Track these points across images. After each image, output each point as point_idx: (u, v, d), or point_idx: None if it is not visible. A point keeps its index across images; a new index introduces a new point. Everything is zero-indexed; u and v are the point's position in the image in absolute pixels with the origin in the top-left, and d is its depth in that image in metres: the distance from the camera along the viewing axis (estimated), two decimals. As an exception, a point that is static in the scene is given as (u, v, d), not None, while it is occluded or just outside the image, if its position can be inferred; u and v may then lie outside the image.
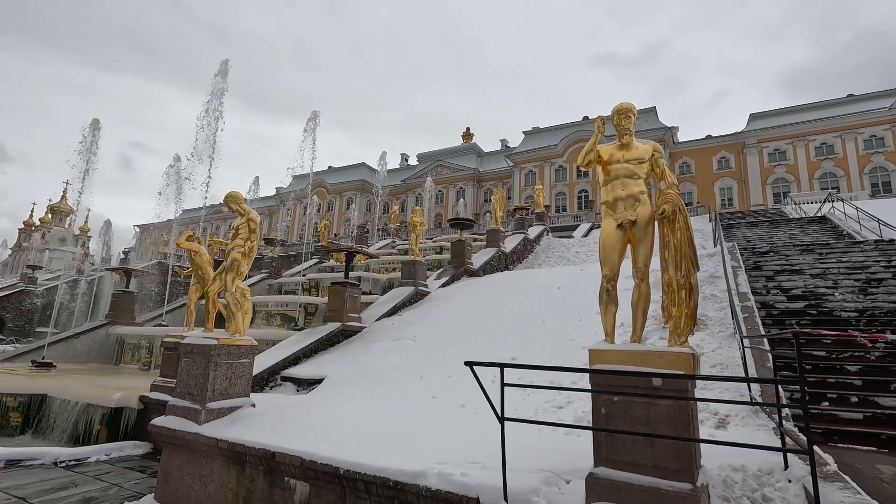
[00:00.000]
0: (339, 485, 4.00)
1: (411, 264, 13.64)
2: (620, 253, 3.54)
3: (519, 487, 3.26)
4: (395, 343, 9.67)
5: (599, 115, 3.78)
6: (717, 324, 7.66)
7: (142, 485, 5.76)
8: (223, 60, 12.52)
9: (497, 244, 18.89)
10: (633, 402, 3.01)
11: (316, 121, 16.07)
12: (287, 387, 8.59)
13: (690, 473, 2.80)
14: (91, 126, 13.68)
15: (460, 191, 57.50)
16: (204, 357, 5.23)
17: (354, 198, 62.71)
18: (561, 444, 4.40)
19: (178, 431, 5.04)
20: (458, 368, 7.62)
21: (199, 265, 8.01)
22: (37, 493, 5.32)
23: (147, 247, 70.23)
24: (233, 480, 4.67)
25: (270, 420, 5.17)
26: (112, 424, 7.76)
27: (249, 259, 5.60)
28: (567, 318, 9.20)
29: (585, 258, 19.80)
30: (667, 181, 3.46)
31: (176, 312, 16.21)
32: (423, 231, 15.10)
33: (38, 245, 58.16)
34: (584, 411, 5.37)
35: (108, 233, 29.46)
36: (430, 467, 3.67)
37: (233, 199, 5.72)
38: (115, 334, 14.18)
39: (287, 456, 4.24)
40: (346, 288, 10.95)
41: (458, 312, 11.31)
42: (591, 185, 48.05)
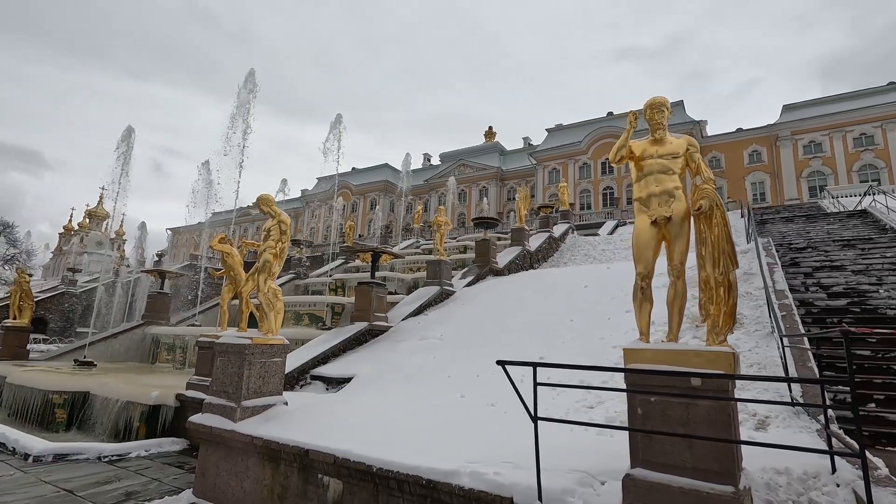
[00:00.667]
0: (371, 482, 4.04)
1: (436, 264, 13.67)
2: (655, 250, 3.47)
3: (553, 487, 3.23)
4: (422, 342, 9.70)
5: (631, 110, 3.71)
6: (754, 322, 7.43)
7: (180, 480, 5.94)
8: (249, 70, 12.81)
9: (522, 243, 18.76)
10: (670, 402, 2.94)
11: (340, 124, 16.26)
12: (317, 385, 8.72)
13: (732, 476, 2.72)
14: (125, 133, 14.17)
15: (483, 190, 57.36)
16: (238, 356, 5.36)
17: (378, 198, 63.25)
18: (593, 445, 4.34)
19: (215, 429, 5.17)
20: (485, 367, 7.61)
21: (231, 266, 8.21)
22: (83, 487, 5.55)
23: (179, 249, 72.33)
24: (268, 477, 4.76)
25: (303, 418, 5.25)
26: (150, 421, 8.02)
27: (281, 260, 5.71)
28: (595, 317, 9.07)
29: (612, 256, 19.49)
30: (703, 176, 3.37)
31: (208, 313, 16.66)
32: (448, 230, 15.11)
33: (77, 249, 60.56)
34: (617, 411, 5.29)
35: (143, 236, 30.48)
36: (463, 466, 3.67)
37: (264, 201, 5.84)
38: (151, 334, 14.65)
39: (320, 454, 4.30)
40: (373, 288, 11.04)
41: (483, 312, 11.28)
42: (617, 182, 47.26)
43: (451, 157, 62.58)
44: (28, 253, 69.76)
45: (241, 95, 12.56)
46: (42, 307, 29.44)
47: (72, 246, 64.02)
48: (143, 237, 30.34)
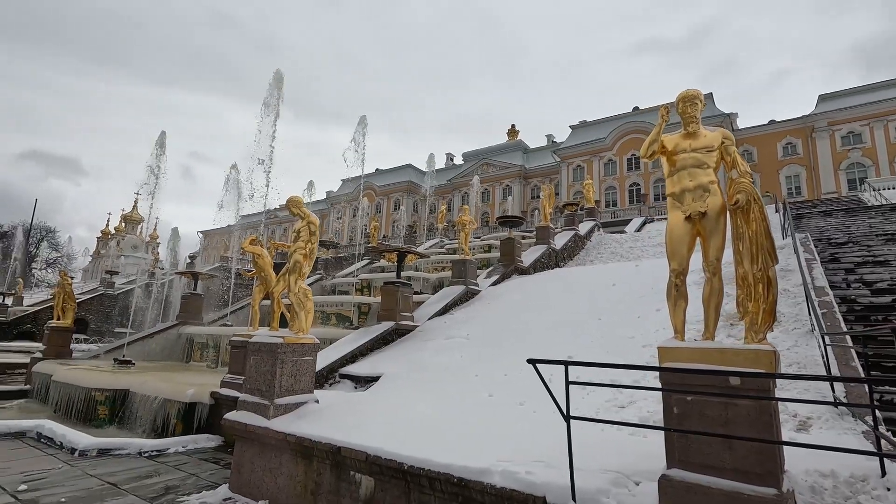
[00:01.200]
0: (403, 480, 4.07)
1: (461, 263, 13.67)
2: (689, 246, 3.39)
3: (587, 487, 3.20)
4: (449, 341, 9.72)
5: (662, 104, 3.63)
6: (792, 320, 7.18)
7: (216, 475, 6.10)
8: (276, 70, 13.07)
9: (547, 241, 18.59)
10: (708, 401, 2.88)
11: (364, 126, 16.43)
12: (345, 384, 8.83)
13: (775, 478, 2.64)
14: (159, 138, 14.66)
15: (506, 188, 57.06)
16: (271, 355, 5.48)
17: (402, 199, 63.61)
18: (626, 445, 4.27)
19: (249, 426, 5.30)
20: (512, 366, 7.58)
21: (262, 267, 8.38)
22: (126, 480, 5.76)
23: (210, 251, 74.33)
24: (301, 473, 4.86)
25: (334, 416, 5.33)
26: (187, 418, 8.27)
27: (310, 260, 5.81)
28: (623, 316, 8.92)
29: (640, 254, 19.12)
30: (739, 170, 3.28)
31: (239, 313, 17.08)
32: (472, 230, 15.09)
33: (114, 252, 62.89)
34: (649, 411, 5.19)
35: (176, 240, 31.44)
36: (494, 465, 3.67)
37: (294, 203, 5.95)
38: (185, 334, 15.10)
39: (352, 451, 4.36)
40: (399, 287, 11.12)
41: (509, 311, 11.23)
42: (643, 178, 46.36)
43: (474, 156, 62.46)
44: (69, 256, 72.88)
45: (268, 96, 12.82)
46: (82, 308, 30.64)
47: (109, 249, 66.55)
48: (176, 240, 31.29)
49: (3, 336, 26.50)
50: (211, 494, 5.28)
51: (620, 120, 49.61)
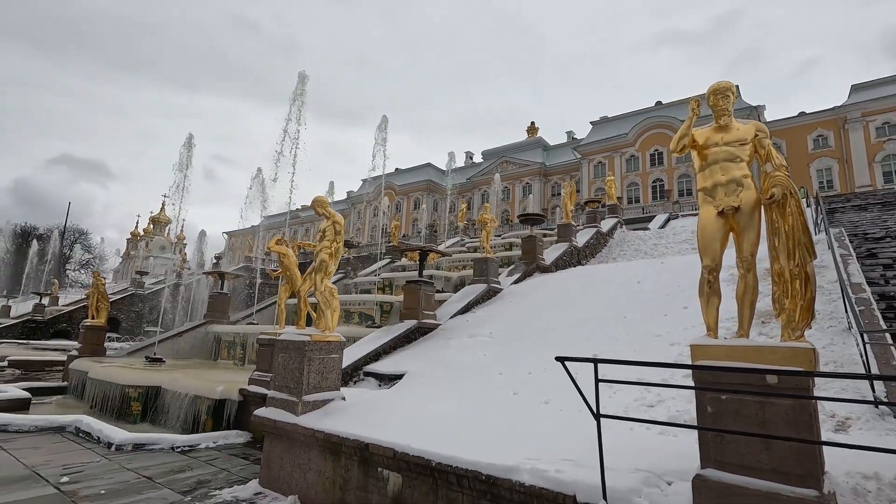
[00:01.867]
0: (430, 476, 4.09)
1: (483, 261, 13.65)
2: (722, 242, 3.32)
3: (618, 486, 3.16)
4: (472, 340, 9.72)
5: (693, 96, 3.55)
6: (827, 318, 6.96)
7: (246, 470, 6.24)
8: (300, 72, 13.27)
9: (569, 239, 18.41)
10: (744, 400, 2.81)
11: (385, 126, 16.54)
12: (369, 382, 8.92)
13: (816, 480, 2.57)
14: (186, 141, 15.02)
15: (527, 186, 56.72)
16: (298, 352, 5.56)
17: (421, 198, 63.81)
18: (655, 444, 4.21)
19: (278, 422, 5.40)
20: (536, 364, 7.54)
21: (287, 267, 8.53)
22: (161, 474, 5.94)
23: (235, 251, 75.82)
24: (329, 469, 4.92)
25: (361, 413, 5.39)
26: (216, 415, 8.47)
27: (336, 259, 5.89)
28: (650, 314, 8.77)
29: (665, 251, 18.77)
30: (774, 163, 3.19)
31: (264, 312, 17.39)
32: (493, 228, 15.05)
33: (144, 253, 64.71)
34: (679, 410, 5.11)
35: (202, 240, 32.22)
36: (522, 462, 3.66)
37: (319, 203, 6.04)
38: (213, 332, 15.44)
39: (380, 448, 4.40)
40: (421, 286, 11.16)
41: (532, 309, 11.17)
42: (667, 174, 45.51)
43: (494, 154, 62.23)
44: (101, 258, 75.27)
45: (293, 98, 13.03)
46: (114, 308, 31.62)
47: (138, 251, 68.52)
48: (203, 241, 32.06)
49: (40, 335, 27.58)
50: (242, 489, 5.39)
51: (643, 115, 48.77)
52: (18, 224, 69.14)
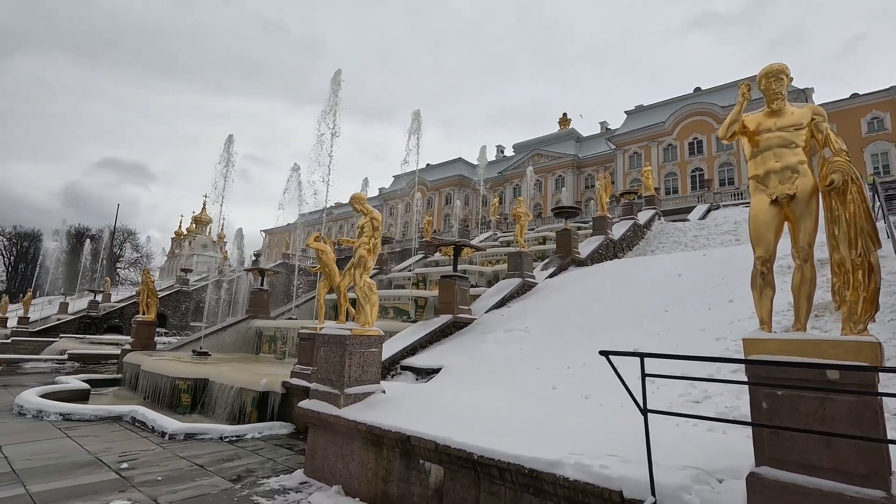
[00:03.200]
0: (472, 470, 4.12)
1: (517, 256, 13.55)
2: (776, 231, 3.18)
3: (666, 483, 3.10)
4: (508, 334, 9.68)
5: (743, 80, 3.40)
6: (888, 311, 6.57)
7: (291, 461, 6.44)
8: (336, 71, 13.47)
9: (604, 231, 18.06)
10: (802, 396, 2.70)
11: (418, 121, 16.61)
12: (407, 376, 9.02)
13: (883, 480, 2.44)
14: (226, 141, 15.52)
15: (559, 179, 55.90)
16: (340, 346, 5.69)
17: (453, 193, 63.83)
18: (703, 441, 4.08)
19: (322, 414, 5.54)
20: (575, 359, 7.44)
21: (326, 263, 8.71)
22: (211, 462, 6.20)
23: (273, 249, 77.96)
24: (372, 460, 5.02)
25: (401, 406, 5.47)
26: (261, 406, 8.77)
27: (374, 255, 5.97)
28: (692, 307, 8.51)
29: (706, 242, 18.16)
30: (833, 147, 3.03)
31: (303, 307, 17.83)
32: (527, 221, 14.90)
33: (187, 251, 67.38)
34: (727, 407, 4.94)
35: (240, 238, 33.31)
36: (566, 457, 3.63)
37: (357, 200, 6.13)
38: (255, 327, 15.97)
39: (422, 440, 4.46)
40: (456, 281, 11.19)
41: (569, 303, 11.02)
42: (707, 163, 43.89)
43: (525, 147, 61.58)
44: (148, 256, 78.80)
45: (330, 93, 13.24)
46: (161, 304, 33.10)
47: (182, 249, 71.41)
48: (241, 239, 33.16)
49: (95, 330, 29.19)
50: (288, 478, 5.57)
51: (680, 102, 47.16)
52: (73, 226, 73.31)
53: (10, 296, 43.13)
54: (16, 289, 65.87)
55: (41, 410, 8.63)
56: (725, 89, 45.29)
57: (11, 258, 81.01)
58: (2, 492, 4.97)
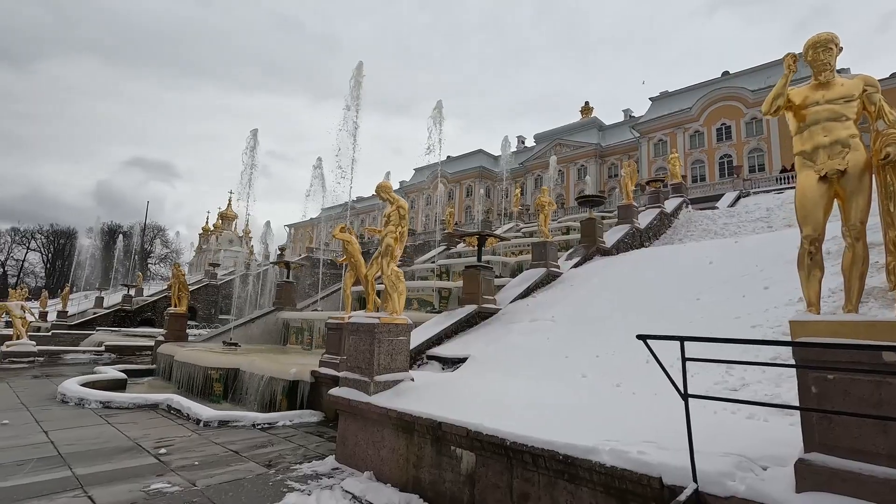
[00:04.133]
0: (505, 456, 4.09)
1: (541, 245, 13.42)
2: (826, 209, 3.03)
3: (708, 469, 3.02)
4: (534, 324, 9.61)
5: (788, 52, 3.24)
6: (939, 295, 6.26)
7: (322, 447, 6.54)
8: (358, 63, 13.49)
9: (630, 220, 17.72)
10: (855, 380, 2.58)
11: (440, 111, 16.51)
12: (433, 365, 9.05)
13: (945, 466, 2.32)
14: (251, 136, 15.74)
15: (581, 169, 55.09)
16: (369, 335, 5.72)
17: (474, 185, 63.58)
18: (744, 429, 3.97)
19: (353, 401, 5.60)
20: (604, 348, 7.34)
21: (352, 254, 8.77)
22: (245, 448, 6.34)
23: (297, 243, 79.14)
24: (403, 447, 5.05)
25: (430, 394, 5.48)
26: (291, 395, 8.92)
27: (401, 244, 5.97)
28: (726, 295, 8.27)
29: (736, 230, 17.65)
30: (887, 119, 2.87)
31: (328, 299, 18.05)
32: (552, 211, 14.71)
33: (215, 246, 68.98)
34: (766, 394, 4.80)
35: (267, 232, 33.86)
36: (601, 443, 3.57)
37: (383, 188, 6.13)
38: (282, 319, 16.26)
39: (453, 426, 4.46)
40: (480, 271, 11.14)
41: (595, 292, 10.87)
42: (736, 149, 42.60)
43: (546, 137, 60.81)
44: (177, 251, 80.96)
45: (351, 89, 13.30)
46: (191, 297, 34.05)
47: (210, 245, 73.15)
48: (268, 233, 33.70)
49: (129, 323, 30.19)
50: (320, 464, 5.66)
51: (708, 87, 45.79)
52: (105, 223, 75.77)
53: (49, 291, 44.95)
54: (54, 284, 68.60)
55: (82, 398, 8.97)
56: (755, 72, 43.79)
57: (49, 255, 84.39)
58: (51, 474, 5.18)
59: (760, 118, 41.79)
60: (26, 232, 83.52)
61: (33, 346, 16.24)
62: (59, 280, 70.74)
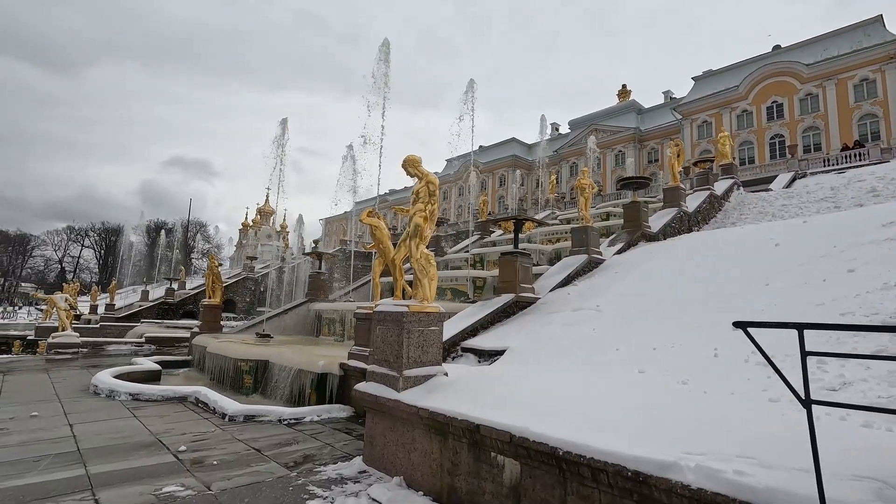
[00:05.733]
0: (556, 467, 3.43)
1: (582, 230, 12.54)
2: None
3: (838, 498, 2.27)
4: (577, 314, 8.84)
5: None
6: None
7: (349, 446, 6.05)
8: (384, 40, 12.92)
9: (677, 204, 16.53)
10: None
11: (473, 91, 15.76)
12: (468, 357, 8.44)
13: None
14: (281, 125, 15.46)
15: (619, 154, 53.06)
16: (397, 324, 5.15)
17: (507, 175, 62.38)
18: (864, 440, 3.15)
19: (380, 398, 5.05)
20: (661, 339, 6.52)
21: (380, 239, 8.23)
22: (269, 447, 5.92)
23: (330, 236, 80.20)
24: (435, 451, 4.47)
25: (466, 390, 4.86)
26: (319, 388, 8.52)
27: (432, 223, 5.36)
28: (801, 280, 7.27)
29: (798, 212, 16.18)
30: None
31: (360, 290, 17.74)
32: (593, 193, 13.76)
33: (253, 241, 70.65)
34: (880, 396, 3.93)
35: (301, 226, 34.05)
36: (681, 457, 2.86)
37: (410, 162, 5.52)
38: (314, 310, 16.03)
39: (493, 430, 3.83)
40: (517, 258, 10.43)
41: (644, 279, 9.97)
42: (789, 129, 39.84)
43: (582, 122, 58.86)
44: (218, 246, 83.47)
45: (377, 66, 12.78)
46: (230, 290, 34.70)
47: (249, 239, 75.05)
48: (301, 226, 33.90)
49: (171, 315, 31.03)
50: (346, 466, 5.15)
51: (757, 63, 42.93)
52: (151, 220, 78.88)
53: (101, 286, 47.03)
54: (106, 279, 72.03)
55: (113, 390, 8.86)
56: (810, 45, 40.72)
57: (101, 252, 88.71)
58: (65, 472, 4.89)
59: (816, 94, 38.88)
60: (80, 230, 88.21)
61: (77, 338, 16.64)
62: (110, 275, 74.25)
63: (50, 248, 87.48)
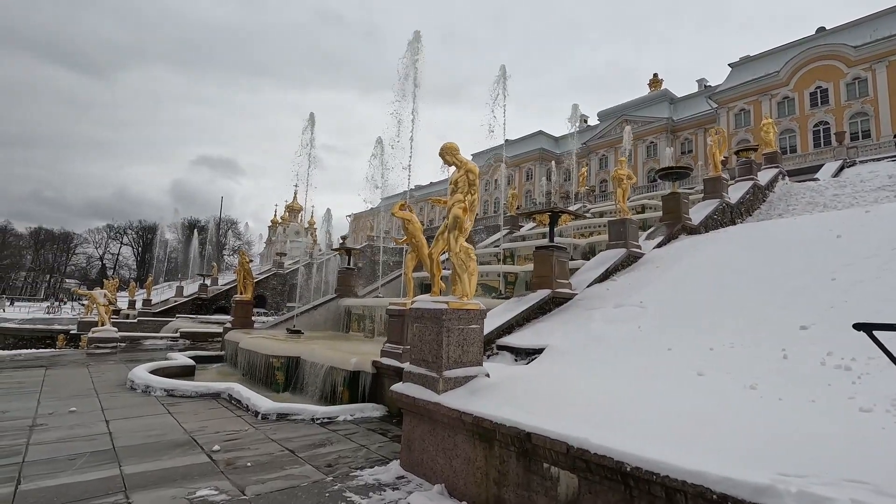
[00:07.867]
0: (622, 483, 3.07)
1: (620, 223, 12.00)
2: None
3: None
4: (619, 310, 8.37)
5: None
6: None
7: (385, 448, 5.80)
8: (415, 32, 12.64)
9: (719, 194, 15.71)
10: None
11: (504, 80, 15.30)
12: (504, 356, 8.10)
13: None
14: (308, 120, 15.37)
15: (651, 146, 51.51)
16: (435, 322, 4.85)
17: (534, 168, 61.45)
18: None
19: (419, 400, 4.76)
20: (718, 339, 6.05)
21: (412, 233, 7.98)
22: (302, 448, 5.73)
23: (358, 232, 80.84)
24: (480, 458, 4.15)
25: (511, 392, 4.53)
26: (352, 386, 8.33)
27: (472, 214, 5.03)
28: (873, 273, 6.64)
29: (852, 201, 15.18)
30: None
31: (389, 285, 17.57)
32: (631, 184, 13.17)
33: (282, 238, 71.79)
34: None
35: (329, 221, 34.21)
36: (778, 480, 2.46)
37: (448, 150, 5.20)
38: (344, 306, 15.93)
39: (546, 439, 3.49)
40: (553, 252, 9.99)
41: (690, 274, 9.40)
42: (834, 115, 37.81)
43: (612, 113, 57.39)
44: (249, 243, 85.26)
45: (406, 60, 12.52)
46: (261, 286, 35.25)
47: (278, 236, 76.33)
48: (327, 222, 34.06)
49: (205, 310, 31.65)
50: (383, 471, 4.90)
51: (799, 47, 40.85)
52: (185, 218, 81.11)
53: (139, 282, 48.55)
54: (144, 276, 74.54)
55: (148, 386, 8.88)
56: (857, 26, 38.47)
57: (139, 249, 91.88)
58: (99, 472, 4.79)
59: (864, 78, 36.72)
60: (119, 228, 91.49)
61: (115, 333, 17.02)
62: (147, 271, 76.74)
63: (91, 246, 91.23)
